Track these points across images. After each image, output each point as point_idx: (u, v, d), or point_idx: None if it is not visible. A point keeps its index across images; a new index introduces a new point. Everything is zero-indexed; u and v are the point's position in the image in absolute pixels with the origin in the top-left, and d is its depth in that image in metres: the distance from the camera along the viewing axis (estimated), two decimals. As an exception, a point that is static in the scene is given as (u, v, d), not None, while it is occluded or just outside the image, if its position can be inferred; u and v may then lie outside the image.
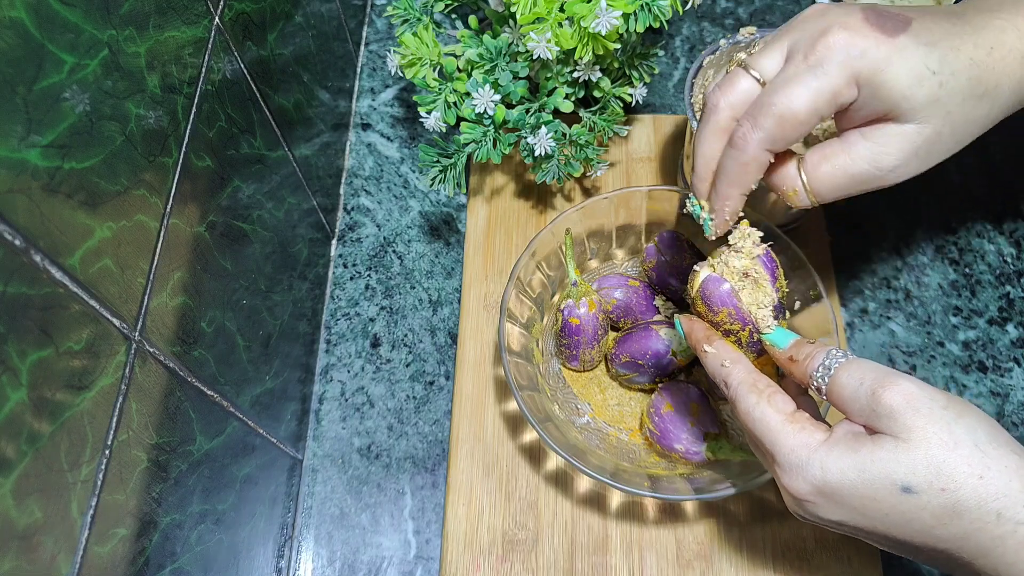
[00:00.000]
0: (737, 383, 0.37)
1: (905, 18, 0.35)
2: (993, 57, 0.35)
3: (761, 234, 0.40)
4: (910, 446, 0.31)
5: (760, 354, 0.41)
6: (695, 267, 0.41)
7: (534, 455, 0.53)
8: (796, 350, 0.37)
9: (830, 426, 0.34)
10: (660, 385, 0.51)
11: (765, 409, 0.35)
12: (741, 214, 0.39)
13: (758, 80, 0.37)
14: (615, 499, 0.51)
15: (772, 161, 0.37)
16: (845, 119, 0.36)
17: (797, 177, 0.37)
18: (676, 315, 0.43)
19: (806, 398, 0.39)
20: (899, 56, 0.34)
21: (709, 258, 0.41)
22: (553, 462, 0.52)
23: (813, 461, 0.33)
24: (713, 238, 0.40)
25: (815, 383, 0.35)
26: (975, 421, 0.31)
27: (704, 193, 0.39)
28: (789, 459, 0.33)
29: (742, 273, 0.40)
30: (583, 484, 0.52)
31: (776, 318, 0.39)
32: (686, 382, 0.51)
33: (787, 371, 0.38)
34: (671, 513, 0.51)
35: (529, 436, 0.53)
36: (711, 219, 0.39)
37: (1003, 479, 0.30)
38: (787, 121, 0.35)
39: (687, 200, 0.41)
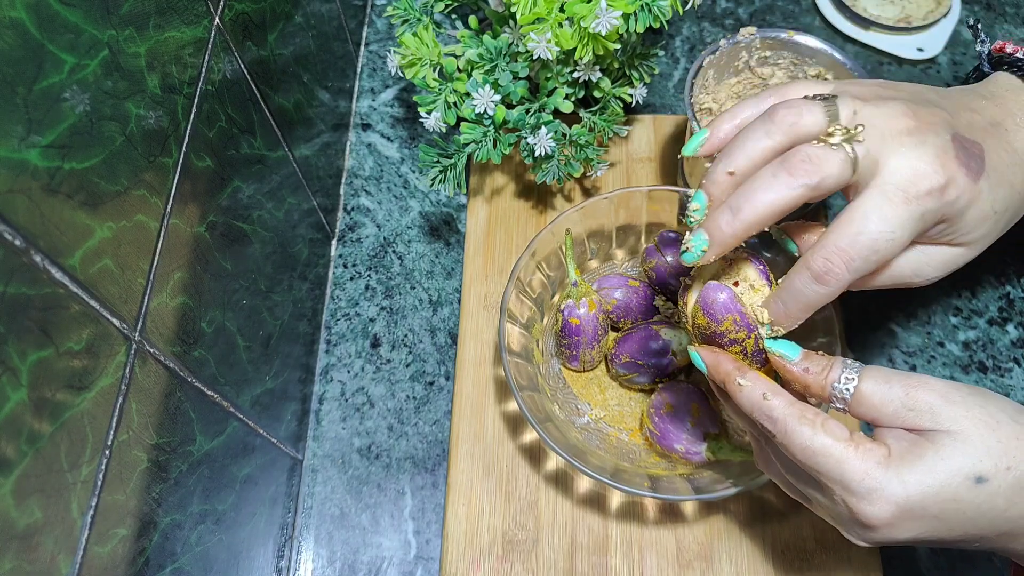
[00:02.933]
0: (783, 416, 0.34)
1: (981, 152, 0.35)
2: None
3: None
4: (965, 436, 0.31)
5: (764, 364, 0.39)
6: (685, 281, 0.40)
7: (534, 455, 0.53)
8: (811, 362, 0.35)
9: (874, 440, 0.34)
10: (660, 385, 0.51)
11: (824, 440, 0.32)
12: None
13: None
14: (615, 499, 0.51)
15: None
16: None
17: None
18: (691, 347, 0.39)
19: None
20: (978, 200, 0.35)
21: (692, 273, 0.40)
22: (553, 462, 0.52)
23: (891, 479, 0.31)
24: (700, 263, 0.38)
25: (837, 394, 0.34)
26: (997, 400, 0.33)
27: (721, 123, 0.38)
28: (865, 484, 0.31)
29: (733, 281, 0.39)
30: (583, 484, 0.52)
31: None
32: (686, 382, 0.51)
33: (799, 384, 0.36)
34: (671, 513, 0.51)
35: (529, 436, 0.53)
36: (698, 138, 0.38)
37: None
38: (873, 255, 0.34)
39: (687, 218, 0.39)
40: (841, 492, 0.32)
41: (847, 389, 0.34)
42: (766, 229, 0.36)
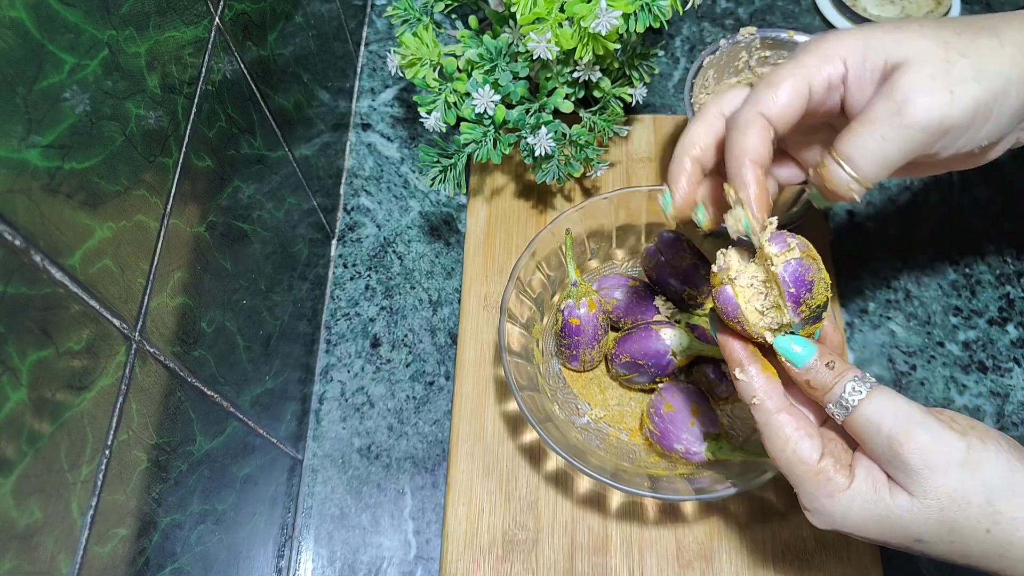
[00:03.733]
0: (763, 423, 0.35)
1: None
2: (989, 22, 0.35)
3: (782, 247, 0.35)
4: (925, 506, 0.32)
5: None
6: (721, 252, 0.37)
7: (534, 455, 0.53)
8: (813, 376, 0.35)
9: (850, 469, 0.35)
10: (660, 385, 0.51)
11: (791, 457, 0.34)
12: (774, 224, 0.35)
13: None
14: (615, 499, 0.51)
15: (773, 134, 0.35)
16: (855, 103, 0.36)
17: (837, 168, 0.35)
18: (711, 317, 0.39)
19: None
20: (870, 26, 0.35)
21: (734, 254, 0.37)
22: (553, 462, 0.52)
23: (836, 509, 0.34)
24: (760, 231, 0.35)
25: (832, 414, 0.35)
26: (993, 469, 0.32)
27: (675, 179, 0.38)
28: (812, 503, 0.34)
29: (760, 281, 0.36)
30: (583, 484, 0.52)
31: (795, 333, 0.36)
32: (686, 382, 0.51)
33: (803, 390, 0.36)
34: (671, 513, 0.51)
35: (529, 436, 0.53)
36: (739, 199, 0.35)
37: (1009, 530, 0.32)
38: (775, 84, 0.35)
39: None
40: (798, 495, 0.35)
41: (841, 416, 0.34)
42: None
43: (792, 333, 0.36)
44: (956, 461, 0.32)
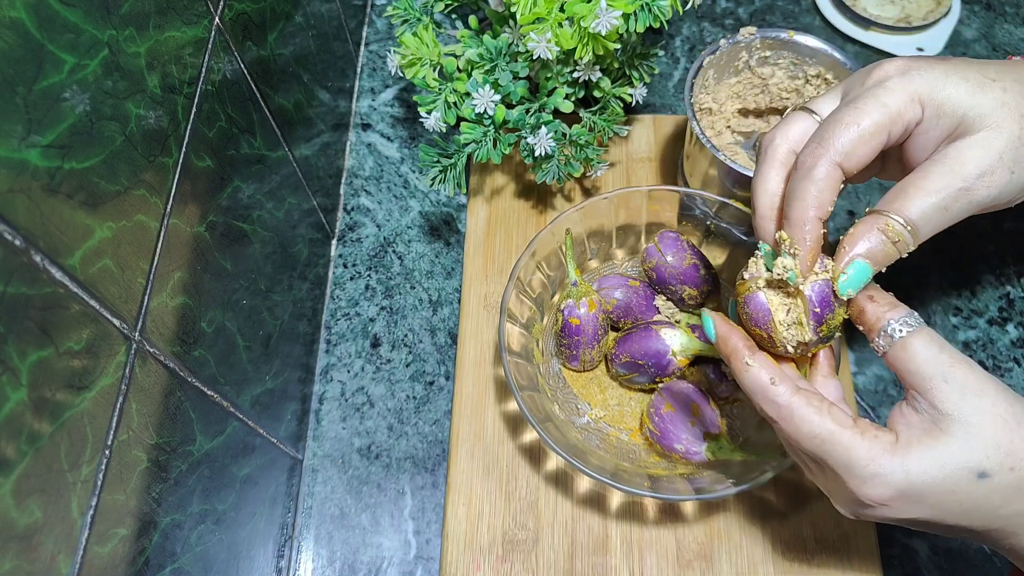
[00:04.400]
0: (789, 402, 0.34)
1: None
2: None
3: (819, 267, 0.36)
4: (980, 429, 0.31)
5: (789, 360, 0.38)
6: (753, 260, 0.37)
7: (534, 455, 0.53)
8: (877, 292, 0.36)
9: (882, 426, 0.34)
10: (660, 385, 0.51)
11: (831, 427, 0.33)
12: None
13: (816, 118, 0.36)
14: (615, 499, 0.51)
15: (843, 183, 0.35)
16: (916, 148, 0.36)
17: (899, 226, 0.34)
18: (704, 311, 0.38)
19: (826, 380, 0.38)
20: (955, 71, 0.34)
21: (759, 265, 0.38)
22: (553, 462, 0.52)
23: (895, 466, 0.32)
24: (803, 281, 0.36)
25: (887, 333, 0.34)
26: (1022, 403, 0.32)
27: (769, 232, 0.37)
28: (869, 469, 0.32)
29: (785, 295, 0.36)
30: (583, 484, 0.52)
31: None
32: (686, 382, 0.51)
33: (856, 309, 0.35)
34: (671, 513, 0.51)
35: (529, 436, 0.53)
36: (792, 252, 0.35)
37: None
38: (853, 132, 0.34)
39: (760, 256, 0.37)
40: (844, 475, 0.33)
41: (899, 331, 0.34)
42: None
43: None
44: (1002, 389, 0.32)
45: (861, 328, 0.36)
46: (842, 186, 0.36)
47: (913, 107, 0.34)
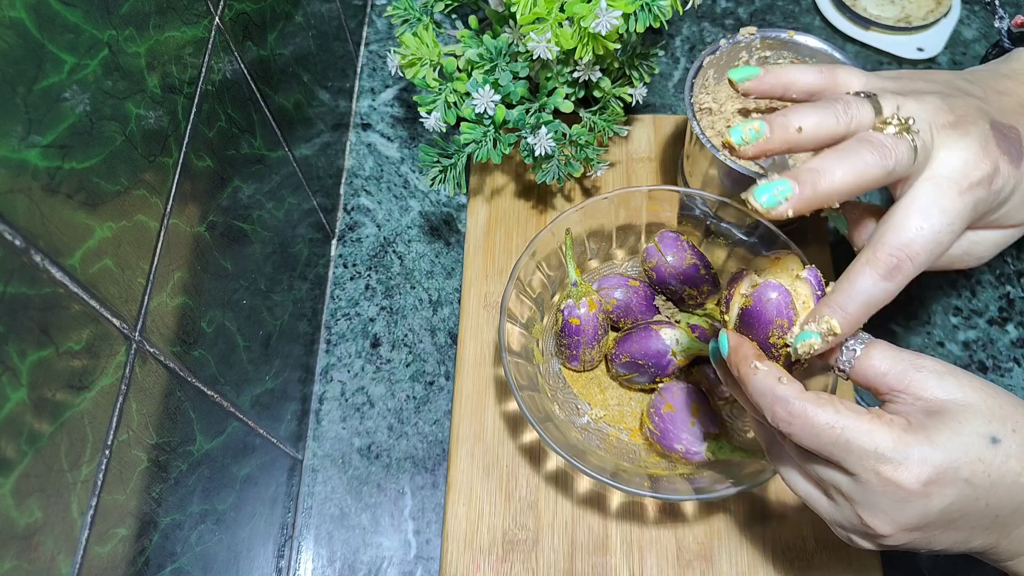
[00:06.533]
0: (800, 400, 0.33)
1: (1018, 137, 0.36)
2: None
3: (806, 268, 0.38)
4: (971, 402, 0.32)
5: (789, 366, 0.39)
6: (740, 269, 0.39)
7: (534, 455, 0.53)
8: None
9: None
10: (660, 385, 0.51)
11: (848, 415, 0.32)
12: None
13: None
14: (615, 499, 0.51)
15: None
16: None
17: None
18: (723, 331, 0.39)
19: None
20: (1021, 183, 0.36)
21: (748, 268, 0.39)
22: (553, 462, 0.52)
23: (922, 442, 0.31)
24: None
25: (845, 355, 0.35)
26: (983, 379, 0.34)
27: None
28: (899, 449, 0.31)
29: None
30: (583, 484, 0.52)
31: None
32: (686, 382, 0.51)
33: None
34: (671, 513, 0.51)
35: (529, 436, 0.53)
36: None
37: None
38: (936, 248, 0.35)
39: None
40: (874, 463, 0.32)
41: (858, 347, 0.35)
42: (833, 206, 0.35)
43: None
44: (962, 371, 0.34)
45: (821, 360, 0.37)
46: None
47: (976, 214, 0.36)
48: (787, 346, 0.37)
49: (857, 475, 0.32)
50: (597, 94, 0.56)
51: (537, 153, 0.53)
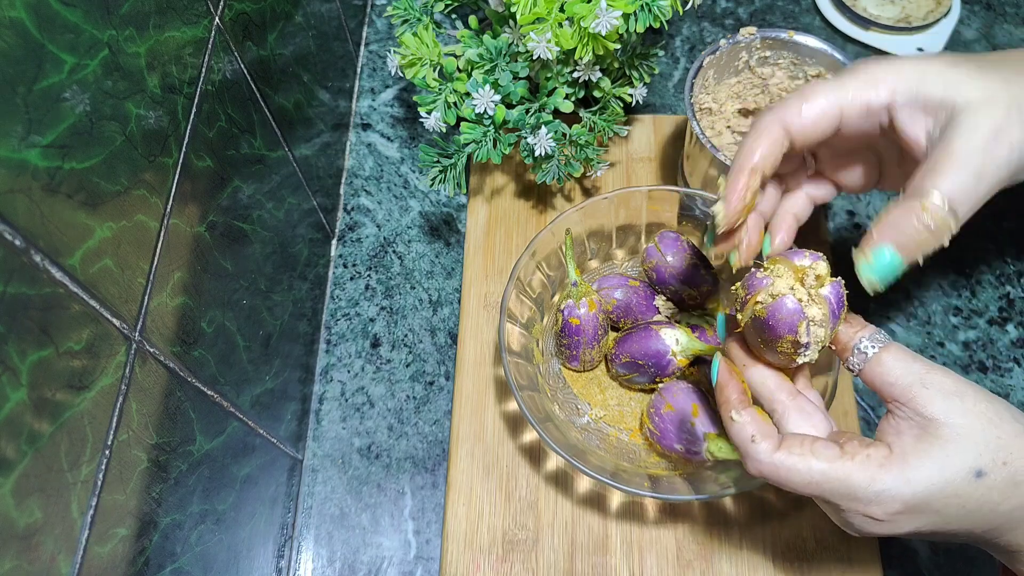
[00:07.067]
0: (770, 460, 0.34)
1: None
2: None
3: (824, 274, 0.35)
4: (968, 430, 0.32)
5: (798, 368, 0.38)
6: (761, 273, 0.37)
7: (534, 455, 0.53)
8: (850, 315, 0.36)
9: (866, 438, 0.34)
10: (660, 385, 0.51)
11: (820, 466, 0.33)
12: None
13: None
14: (615, 499, 0.51)
15: (785, 145, 0.36)
16: (906, 129, 0.36)
17: (939, 208, 0.35)
18: (717, 355, 0.39)
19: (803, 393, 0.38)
20: (930, 64, 0.35)
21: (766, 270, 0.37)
22: (553, 462, 0.52)
23: (896, 480, 0.32)
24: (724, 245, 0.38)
25: (856, 356, 0.35)
26: (1003, 402, 0.33)
27: (733, 183, 0.37)
28: (872, 489, 0.32)
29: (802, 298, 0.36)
30: (583, 484, 0.52)
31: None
32: (686, 382, 0.51)
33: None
34: (671, 513, 0.51)
35: (529, 436, 0.53)
36: (720, 213, 0.37)
37: None
38: (807, 99, 0.35)
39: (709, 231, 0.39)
40: (848, 503, 0.33)
41: (871, 348, 0.35)
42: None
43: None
44: (976, 390, 0.33)
45: (834, 349, 0.37)
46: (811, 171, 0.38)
47: (875, 88, 0.35)
48: (794, 354, 0.36)
49: (832, 504, 0.34)
50: (597, 94, 0.56)
51: (537, 153, 0.53)
